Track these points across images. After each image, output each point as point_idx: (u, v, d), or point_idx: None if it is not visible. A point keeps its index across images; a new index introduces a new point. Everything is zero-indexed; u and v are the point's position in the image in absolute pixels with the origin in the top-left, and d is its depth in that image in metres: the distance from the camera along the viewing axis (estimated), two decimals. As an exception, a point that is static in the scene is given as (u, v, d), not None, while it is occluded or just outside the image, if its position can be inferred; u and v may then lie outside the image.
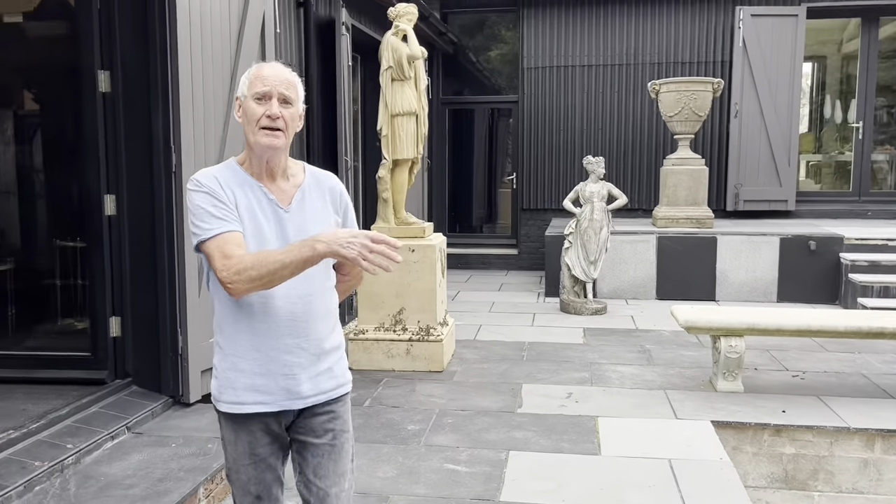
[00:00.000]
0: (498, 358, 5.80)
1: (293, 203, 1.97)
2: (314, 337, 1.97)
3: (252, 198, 1.92)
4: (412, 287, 5.49)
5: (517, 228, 10.47)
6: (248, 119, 1.90)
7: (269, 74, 1.90)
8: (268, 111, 1.87)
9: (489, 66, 10.96)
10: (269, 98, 1.88)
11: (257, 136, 1.88)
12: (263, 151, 1.90)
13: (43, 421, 3.50)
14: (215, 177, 1.91)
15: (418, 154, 5.69)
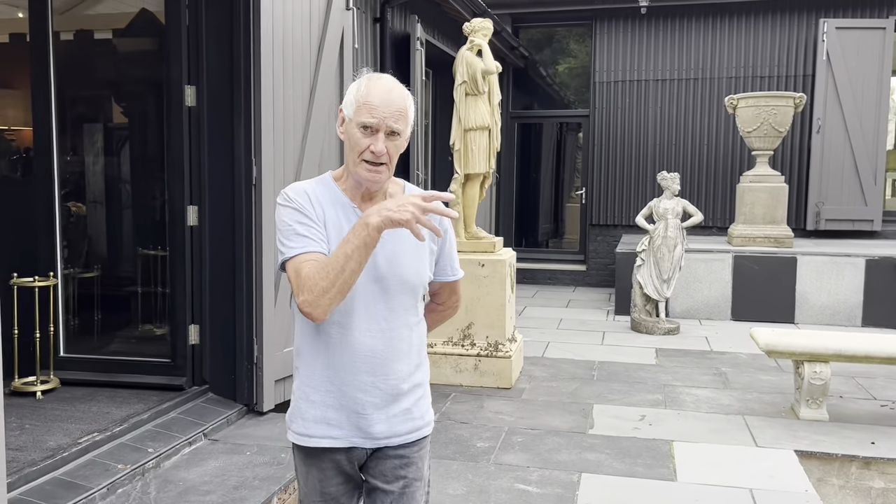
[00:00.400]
0: (567, 376, 5.70)
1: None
2: (393, 376, 1.79)
3: (342, 218, 1.76)
4: (481, 302, 5.46)
5: (586, 244, 10.34)
6: (351, 146, 1.74)
7: (379, 104, 1.70)
8: (373, 146, 1.70)
9: (558, 80, 10.89)
10: (375, 131, 1.70)
11: (358, 167, 1.73)
12: (364, 183, 1.76)
13: (125, 425, 3.60)
14: (306, 192, 1.77)
15: (490, 168, 5.68)
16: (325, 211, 1.76)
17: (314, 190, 1.79)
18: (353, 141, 1.72)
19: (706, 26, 9.61)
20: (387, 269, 1.76)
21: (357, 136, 1.71)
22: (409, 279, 1.79)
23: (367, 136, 1.70)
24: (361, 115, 1.70)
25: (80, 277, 4.90)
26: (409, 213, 1.55)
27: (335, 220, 1.76)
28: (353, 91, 1.74)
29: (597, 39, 9.99)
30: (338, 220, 1.76)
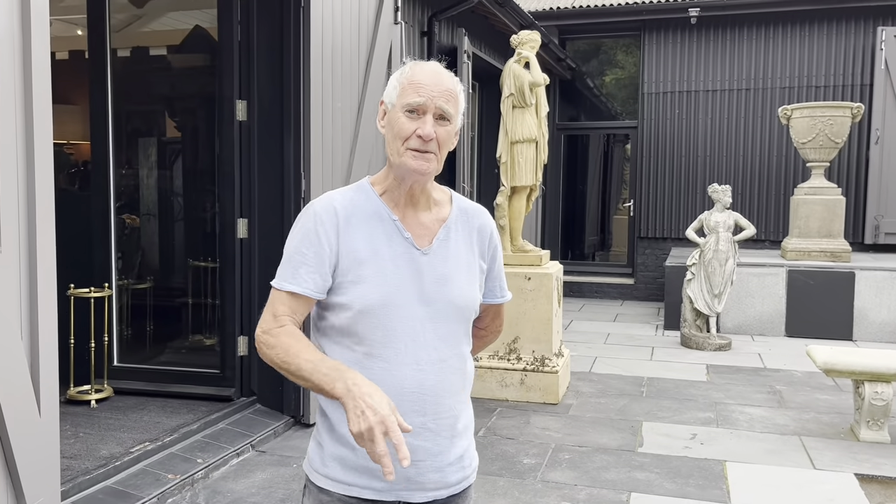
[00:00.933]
0: (615, 392, 5.60)
1: (435, 243, 1.57)
2: (446, 414, 1.55)
3: (381, 235, 1.54)
4: (527, 316, 5.40)
5: (633, 257, 10.18)
6: (395, 134, 1.51)
7: (427, 82, 1.50)
8: (420, 130, 1.48)
9: (605, 91, 10.79)
10: (423, 112, 1.49)
11: (403, 156, 1.50)
12: (408, 176, 1.52)
13: (176, 434, 3.65)
14: (335, 208, 1.53)
15: (537, 181, 5.63)
16: (352, 233, 1.52)
17: (347, 203, 1.56)
18: (397, 128, 1.50)
19: (759, 35, 9.42)
20: (435, 292, 1.55)
21: (402, 120, 1.50)
22: (461, 303, 1.58)
23: (413, 119, 1.50)
24: (407, 96, 1.50)
25: (133, 288, 5.01)
26: (360, 426, 1.27)
27: (368, 241, 1.53)
28: (395, 77, 1.55)
29: (645, 50, 9.87)
30: (372, 240, 1.53)
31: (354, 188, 1.60)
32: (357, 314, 1.50)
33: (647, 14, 9.61)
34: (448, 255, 1.59)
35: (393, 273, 1.52)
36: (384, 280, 1.51)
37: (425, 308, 1.54)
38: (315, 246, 1.49)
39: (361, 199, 1.56)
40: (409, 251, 1.55)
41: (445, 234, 1.60)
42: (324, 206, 1.54)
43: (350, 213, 1.53)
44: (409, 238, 1.55)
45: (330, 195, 1.58)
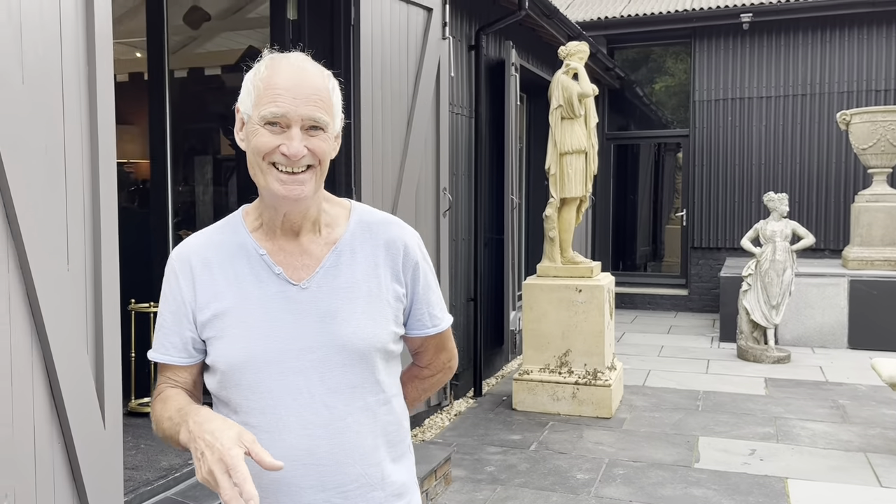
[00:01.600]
0: (670, 406, 5.49)
1: (318, 273, 1.28)
2: (354, 485, 1.27)
3: (248, 275, 1.28)
4: (579, 328, 5.35)
5: (687, 268, 10.00)
6: (254, 150, 1.22)
7: (287, 85, 1.20)
8: (284, 148, 1.20)
9: (655, 99, 10.66)
10: (286, 126, 1.20)
11: (269, 178, 1.22)
12: (279, 204, 1.25)
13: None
14: (188, 255, 1.31)
15: (587, 192, 5.59)
16: (211, 282, 1.29)
17: (206, 244, 1.32)
18: (256, 142, 1.21)
19: (814, 39, 9.19)
20: (319, 334, 1.26)
21: (260, 133, 1.21)
22: (357, 343, 1.27)
23: (275, 133, 1.20)
24: (263, 105, 1.20)
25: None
26: (201, 471, 1.07)
27: (233, 286, 1.28)
28: (249, 78, 1.25)
29: (696, 57, 9.72)
30: (237, 285, 1.28)
31: (223, 223, 1.35)
32: (223, 377, 1.27)
33: (697, 21, 9.48)
34: (337, 286, 1.28)
35: (260, 320, 1.25)
36: (248, 331, 1.25)
37: (308, 357, 1.25)
38: (171, 304, 1.30)
39: (226, 236, 1.31)
40: (283, 289, 1.27)
41: (335, 259, 1.30)
42: (178, 255, 1.32)
43: (208, 257, 1.29)
44: (281, 273, 1.28)
45: (189, 239, 1.35)
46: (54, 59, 2.14)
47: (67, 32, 2.19)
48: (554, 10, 6.70)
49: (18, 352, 2.05)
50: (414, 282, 1.37)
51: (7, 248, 2.02)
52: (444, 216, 4.81)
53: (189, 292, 1.29)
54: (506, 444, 4.67)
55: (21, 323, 2.06)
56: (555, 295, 5.39)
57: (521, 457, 4.44)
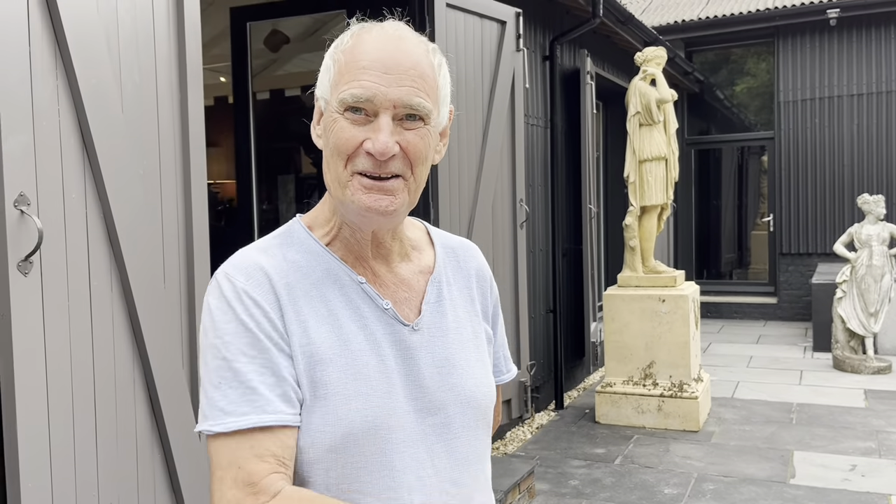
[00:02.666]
0: (761, 419, 5.28)
1: (424, 310, 1.01)
2: None
3: (345, 310, 0.95)
4: (663, 339, 5.22)
5: (776, 274, 9.62)
6: (332, 149, 0.93)
7: (377, 56, 0.91)
8: (370, 143, 0.90)
9: (737, 101, 10.34)
10: (373, 113, 0.91)
11: (348, 188, 0.92)
12: (362, 220, 0.95)
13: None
14: (267, 274, 0.94)
15: (668, 199, 5.47)
16: (299, 317, 0.93)
17: (281, 265, 0.96)
18: (336, 139, 0.91)
19: (908, 32, 8.73)
20: (440, 390, 0.98)
21: (341, 126, 0.91)
22: (479, 399, 1.01)
23: (358, 124, 0.90)
24: (344, 84, 0.90)
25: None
26: None
27: (327, 322, 0.94)
28: (329, 52, 0.96)
29: (779, 57, 9.39)
30: (332, 320, 0.94)
31: (281, 237, 1.00)
32: (324, 455, 0.90)
33: (780, 19, 9.16)
34: (446, 327, 1.02)
35: (376, 371, 0.93)
36: (364, 387, 0.92)
37: (429, 420, 0.96)
38: (251, 340, 0.90)
39: (300, 255, 0.97)
40: (394, 329, 0.97)
41: (436, 293, 1.03)
42: (247, 275, 0.93)
43: (290, 282, 0.94)
44: (390, 308, 0.97)
45: (247, 254, 0.97)
46: (150, 88, 2.26)
47: (161, 62, 2.30)
48: (629, 17, 6.61)
49: (121, 367, 2.17)
50: (495, 320, 1.13)
51: (110, 269, 2.14)
52: (521, 228, 4.80)
53: (280, 324, 0.91)
54: (590, 458, 4.60)
55: (123, 340, 2.18)
56: (637, 305, 5.28)
57: (605, 471, 4.36)
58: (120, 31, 2.16)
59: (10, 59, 1.84)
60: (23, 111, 1.86)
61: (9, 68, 1.83)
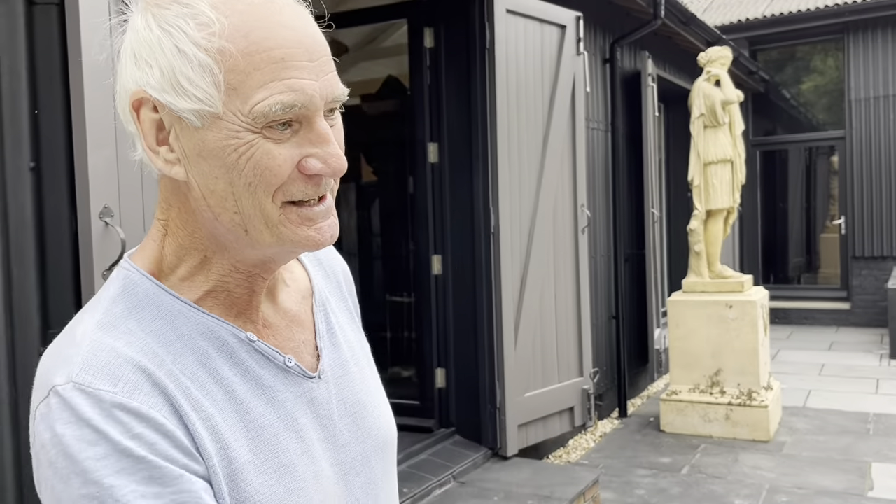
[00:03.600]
0: (836, 430, 5.09)
1: (322, 350, 0.81)
2: None
3: (240, 384, 0.72)
4: (730, 346, 5.09)
5: (848, 279, 9.28)
6: (252, 182, 0.66)
7: (297, 40, 0.66)
8: (313, 162, 0.68)
9: (803, 100, 10.03)
10: (306, 122, 0.67)
11: (280, 227, 0.69)
12: (288, 256, 0.77)
13: (382, 463, 3.83)
14: (136, 364, 0.66)
15: (734, 203, 5.35)
16: (199, 407, 0.68)
17: (146, 347, 0.68)
18: (251, 164, 0.66)
19: None
20: (357, 442, 0.81)
21: (266, 151, 0.66)
22: (389, 435, 0.87)
23: (285, 138, 0.67)
24: (261, 89, 0.65)
25: (339, 323, 5.36)
26: None
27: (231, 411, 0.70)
28: (186, 36, 0.65)
29: (850, 54, 9.07)
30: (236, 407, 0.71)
31: (123, 300, 0.70)
32: None
33: (850, 15, 8.85)
34: (345, 360, 0.84)
35: (301, 456, 0.74)
36: (296, 480, 0.73)
37: (356, 481, 0.80)
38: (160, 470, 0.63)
39: (160, 323, 0.70)
40: (302, 390, 0.77)
41: (325, 321, 0.84)
42: (113, 377, 0.64)
43: (171, 368, 0.68)
44: (294, 364, 0.77)
45: (96, 342, 0.66)
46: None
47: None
48: (691, 17, 6.49)
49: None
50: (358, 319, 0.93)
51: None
52: (582, 233, 4.75)
53: (180, 432, 0.65)
54: (655, 467, 4.51)
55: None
56: (703, 311, 5.17)
57: (672, 480, 4.27)
58: (194, 48, 2.23)
59: (96, 77, 1.92)
60: (106, 126, 1.94)
61: (94, 86, 1.92)
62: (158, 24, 0.65)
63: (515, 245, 4.27)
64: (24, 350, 1.98)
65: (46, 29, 2.00)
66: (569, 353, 4.64)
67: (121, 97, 0.69)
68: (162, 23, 0.65)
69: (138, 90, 0.67)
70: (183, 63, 0.64)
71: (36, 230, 2.00)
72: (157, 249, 0.73)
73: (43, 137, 2.02)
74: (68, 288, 2.01)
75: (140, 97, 0.67)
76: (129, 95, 0.68)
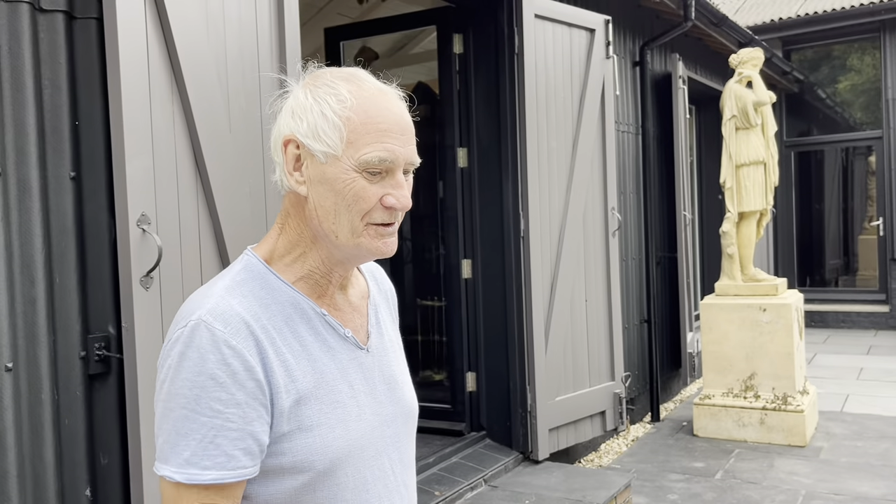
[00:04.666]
0: (875, 435, 5.00)
1: (371, 333, 1.12)
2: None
3: (313, 342, 1.03)
4: (764, 350, 5.03)
5: (887, 281, 9.09)
6: (347, 202, 0.99)
7: (394, 124, 0.99)
8: (389, 198, 0.99)
9: (839, 100, 9.86)
10: (387, 172, 0.99)
11: (363, 236, 1.00)
12: (360, 260, 1.06)
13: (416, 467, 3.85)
14: (242, 317, 0.97)
15: (767, 205, 5.28)
16: (279, 357, 0.99)
17: (251, 307, 0.99)
18: (354, 194, 0.98)
19: None
20: (391, 404, 1.12)
21: (360, 184, 0.98)
22: (415, 409, 1.18)
23: (376, 181, 0.99)
24: (366, 146, 0.97)
25: (370, 327, 5.39)
26: None
27: (303, 357, 1.01)
28: (328, 108, 0.99)
29: (887, 52, 8.90)
30: (308, 356, 1.01)
31: (243, 274, 1.03)
32: (310, 480, 0.99)
33: (886, 13, 8.70)
34: (385, 346, 1.15)
35: (348, 397, 1.04)
36: (342, 414, 1.02)
37: (388, 433, 1.10)
38: (231, 391, 0.93)
39: (265, 292, 1.01)
40: (355, 355, 1.07)
41: (375, 315, 1.15)
42: (225, 322, 0.95)
43: (264, 323, 0.99)
44: (350, 335, 1.07)
45: (220, 298, 0.98)
46: (254, 112, 2.38)
47: (265, 88, 2.42)
48: (722, 18, 6.43)
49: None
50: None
51: (220, 282, 2.26)
52: (612, 236, 4.73)
53: (261, 372, 0.95)
54: (688, 472, 4.47)
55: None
56: (736, 315, 5.11)
57: (705, 485, 4.23)
58: (228, 60, 2.29)
59: (133, 89, 1.98)
60: (143, 136, 2.00)
61: (132, 97, 1.98)
62: (313, 94, 1.01)
63: (545, 249, 4.27)
64: (65, 354, 2.05)
65: (86, 43, 2.07)
66: (600, 357, 4.62)
67: (275, 137, 1.04)
68: (315, 95, 1.01)
69: (290, 134, 1.01)
70: (323, 121, 0.99)
71: (76, 237, 2.07)
72: (272, 243, 1.06)
73: (83, 148, 2.08)
74: (107, 293, 2.07)
75: (290, 138, 1.01)
76: (282, 136, 1.02)
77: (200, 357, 0.94)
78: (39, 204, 1.98)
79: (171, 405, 0.94)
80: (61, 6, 2.05)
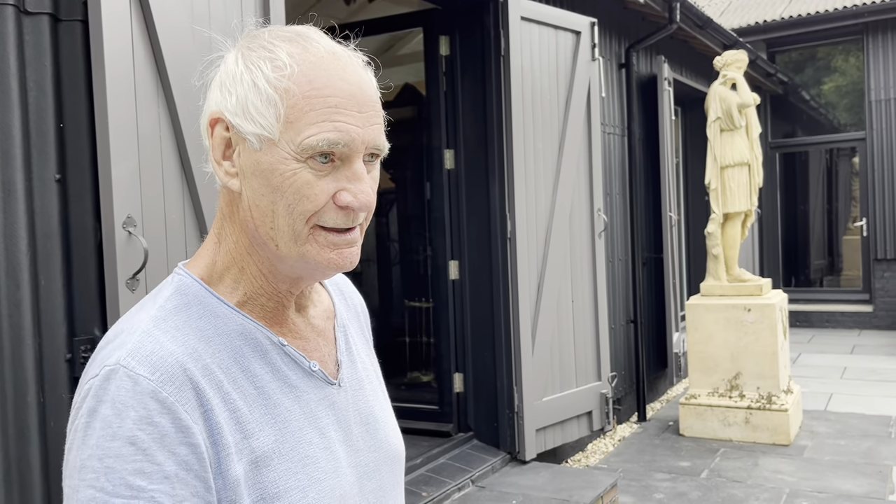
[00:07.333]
0: (857, 433, 5.05)
1: (341, 362, 0.90)
2: None
3: (271, 381, 0.80)
4: (749, 350, 5.07)
5: (870, 281, 9.19)
6: (287, 202, 0.76)
7: (346, 93, 0.76)
8: (346, 196, 0.76)
9: (824, 101, 9.95)
10: (344, 158, 0.76)
11: (309, 245, 0.77)
12: (313, 275, 0.83)
13: (401, 468, 3.86)
14: (176, 359, 0.73)
15: (752, 206, 5.33)
16: (228, 400, 0.76)
17: (189, 343, 0.76)
18: (292, 189, 0.75)
19: None
20: (371, 450, 0.89)
21: (303, 178, 0.75)
22: (400, 450, 0.95)
23: (322, 173, 0.75)
24: (312, 126, 0.74)
25: (357, 329, 5.40)
26: None
27: (260, 405, 0.78)
28: (262, 75, 0.76)
29: (869, 54, 9.00)
30: (265, 402, 0.78)
31: (176, 300, 0.79)
32: None
33: (869, 15, 8.79)
34: (360, 377, 0.92)
35: (321, 450, 0.81)
36: (318, 471, 0.80)
37: (368, 486, 0.87)
38: (160, 463, 0.69)
39: (205, 322, 0.78)
40: (325, 393, 0.85)
41: (344, 340, 0.93)
42: (153, 367, 0.72)
43: (207, 364, 0.75)
44: (318, 370, 0.85)
45: (147, 335, 0.74)
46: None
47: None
48: (707, 20, 6.49)
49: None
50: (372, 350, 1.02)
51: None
52: (599, 237, 4.76)
53: (200, 433, 0.72)
54: (674, 471, 4.50)
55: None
56: (721, 315, 5.15)
57: (691, 484, 4.26)
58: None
59: (118, 91, 1.98)
60: (129, 138, 2.00)
61: (117, 99, 1.98)
62: (244, 61, 0.77)
63: (532, 250, 4.30)
64: (51, 356, 2.05)
65: (71, 45, 2.07)
66: (587, 358, 4.65)
67: (204, 116, 0.81)
68: (247, 61, 0.77)
69: (217, 111, 0.78)
70: (255, 95, 0.76)
71: (62, 240, 2.07)
72: (210, 257, 0.83)
73: (68, 150, 2.08)
74: (93, 296, 2.07)
75: (217, 117, 0.79)
76: (209, 115, 0.80)
77: (116, 414, 0.69)
78: (24, 206, 1.98)
79: (75, 483, 0.69)
80: (46, 8, 2.04)
